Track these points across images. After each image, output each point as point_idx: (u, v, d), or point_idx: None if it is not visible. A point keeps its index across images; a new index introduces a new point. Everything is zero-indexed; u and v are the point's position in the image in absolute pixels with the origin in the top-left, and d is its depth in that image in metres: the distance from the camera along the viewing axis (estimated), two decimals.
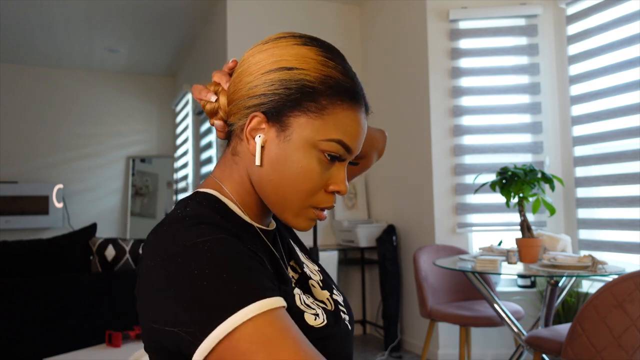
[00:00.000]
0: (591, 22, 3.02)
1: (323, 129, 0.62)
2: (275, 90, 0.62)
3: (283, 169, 0.62)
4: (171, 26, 4.63)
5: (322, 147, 0.62)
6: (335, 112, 0.62)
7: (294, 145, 0.62)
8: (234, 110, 0.66)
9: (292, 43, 0.64)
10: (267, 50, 0.64)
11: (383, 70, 3.92)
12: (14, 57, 5.35)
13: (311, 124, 0.62)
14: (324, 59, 0.64)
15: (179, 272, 0.52)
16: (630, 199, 2.72)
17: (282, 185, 0.63)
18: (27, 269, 2.54)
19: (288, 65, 0.62)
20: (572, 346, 1.81)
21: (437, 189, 3.31)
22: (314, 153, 0.62)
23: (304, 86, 0.61)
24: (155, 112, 6.19)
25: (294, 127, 0.62)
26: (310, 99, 0.61)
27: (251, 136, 0.63)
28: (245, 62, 0.66)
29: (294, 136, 0.62)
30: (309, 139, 0.62)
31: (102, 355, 1.91)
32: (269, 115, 0.62)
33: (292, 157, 0.62)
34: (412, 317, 3.50)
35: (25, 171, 5.52)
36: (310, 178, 0.62)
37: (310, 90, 0.61)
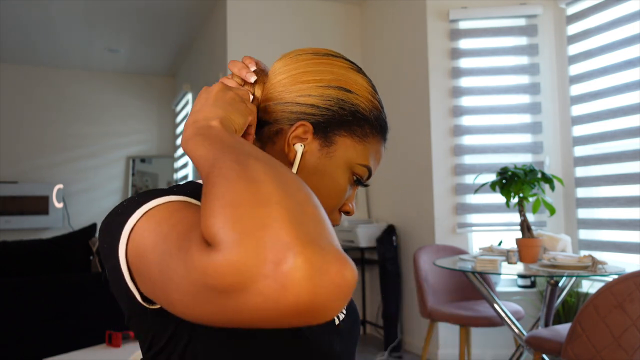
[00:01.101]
0: (591, 22, 3.02)
1: (362, 154, 0.65)
2: (330, 107, 0.64)
3: (318, 182, 0.64)
4: (171, 26, 4.63)
5: (356, 170, 0.65)
6: (373, 141, 0.67)
7: (335, 163, 0.64)
8: (272, 108, 0.65)
9: (348, 67, 0.67)
10: (324, 65, 0.66)
11: (383, 70, 3.92)
12: (14, 57, 5.35)
13: (354, 147, 0.65)
14: (373, 92, 0.68)
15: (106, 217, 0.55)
16: (630, 199, 2.72)
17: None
18: (27, 269, 2.54)
19: (347, 87, 0.65)
20: (572, 346, 1.81)
21: (437, 189, 3.31)
22: (348, 174, 0.65)
23: (358, 111, 0.65)
24: (155, 112, 6.19)
25: (338, 145, 0.64)
26: (358, 124, 0.65)
27: (292, 142, 0.64)
28: (295, 66, 0.66)
29: (337, 154, 0.64)
30: (350, 160, 0.65)
31: (102, 355, 1.91)
32: (317, 127, 0.64)
33: (331, 173, 0.64)
34: (412, 317, 3.50)
35: (25, 171, 5.52)
36: (339, 196, 0.65)
37: (361, 117, 0.65)
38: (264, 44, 3.80)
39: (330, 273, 0.36)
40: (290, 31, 3.95)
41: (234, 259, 0.36)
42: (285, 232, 0.36)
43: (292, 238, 0.36)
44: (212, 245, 0.38)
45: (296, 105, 0.64)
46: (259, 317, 0.37)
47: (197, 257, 0.38)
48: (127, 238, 0.49)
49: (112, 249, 0.51)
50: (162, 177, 6.09)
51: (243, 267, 0.35)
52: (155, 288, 0.46)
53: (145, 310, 0.53)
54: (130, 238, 0.49)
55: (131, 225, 0.49)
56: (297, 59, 0.67)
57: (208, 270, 0.37)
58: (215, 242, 0.37)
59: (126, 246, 0.49)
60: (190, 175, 5.05)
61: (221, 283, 0.36)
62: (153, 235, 0.46)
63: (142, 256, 0.47)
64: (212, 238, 0.38)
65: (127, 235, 0.49)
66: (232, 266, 0.36)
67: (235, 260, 0.35)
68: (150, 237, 0.47)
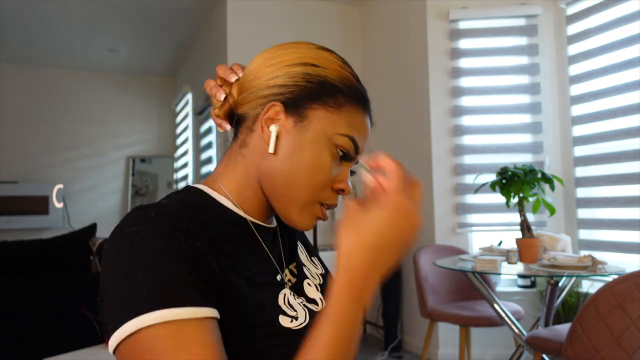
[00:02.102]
0: (591, 22, 3.02)
1: (339, 124, 0.63)
2: (297, 83, 0.64)
3: (297, 159, 0.63)
4: (171, 26, 4.63)
5: (337, 140, 0.63)
6: (350, 111, 0.64)
7: (310, 137, 0.63)
8: (247, 99, 0.66)
9: (315, 47, 0.67)
10: (289, 48, 0.67)
11: (383, 70, 3.92)
12: (14, 57, 5.35)
13: (328, 117, 0.63)
14: (343, 64, 0.67)
15: (108, 262, 0.53)
16: (630, 199, 2.72)
17: (293, 176, 0.63)
18: (27, 269, 2.54)
19: (312, 62, 0.64)
20: (572, 346, 1.81)
21: (437, 189, 3.31)
22: (328, 146, 0.63)
23: (326, 82, 0.64)
24: (155, 112, 6.19)
25: (311, 119, 0.63)
26: (329, 94, 0.63)
27: (266, 125, 0.64)
28: (265, 55, 0.67)
29: (311, 127, 0.63)
30: (326, 131, 0.63)
31: (102, 355, 1.91)
32: (288, 105, 0.63)
33: (308, 148, 0.63)
34: (412, 317, 3.50)
35: (25, 171, 5.51)
36: (322, 170, 0.63)
37: (330, 87, 0.64)
38: (264, 44, 3.75)
39: None
40: (290, 31, 3.95)
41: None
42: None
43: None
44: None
45: (266, 89, 0.64)
46: None
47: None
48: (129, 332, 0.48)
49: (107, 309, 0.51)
50: (162, 177, 6.10)
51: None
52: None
53: None
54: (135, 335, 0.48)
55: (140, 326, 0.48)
56: (268, 51, 0.68)
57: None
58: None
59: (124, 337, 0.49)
60: (190, 175, 5.05)
61: None
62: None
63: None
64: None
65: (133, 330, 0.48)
66: None
67: None
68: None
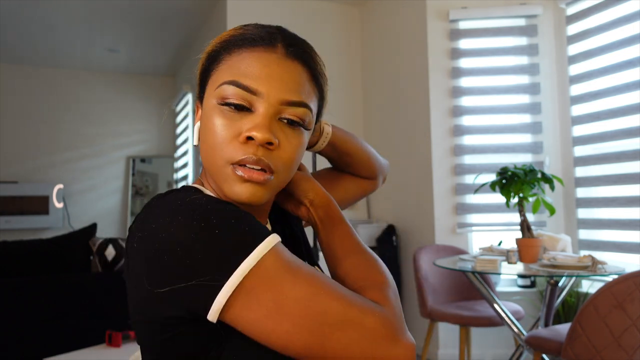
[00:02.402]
0: (591, 22, 3.02)
1: (216, 80, 0.62)
2: (197, 72, 0.67)
3: (203, 138, 0.63)
4: (171, 26, 4.63)
5: (218, 96, 0.60)
6: (229, 61, 0.62)
7: (205, 112, 0.64)
8: None
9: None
10: None
11: (383, 70, 3.92)
12: (14, 57, 5.35)
13: (212, 87, 0.63)
14: (227, 31, 0.65)
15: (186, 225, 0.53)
16: (630, 199, 2.72)
17: (204, 153, 0.63)
18: (27, 269, 2.54)
19: (207, 47, 0.66)
20: (572, 346, 1.81)
21: (437, 189, 3.31)
22: (216, 109, 0.61)
23: (209, 55, 0.65)
24: (155, 112, 6.19)
25: (206, 97, 0.64)
26: (214, 61, 0.64)
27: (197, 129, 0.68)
28: None
29: (204, 104, 0.65)
30: (209, 97, 0.63)
31: (102, 355, 1.92)
32: (200, 98, 0.67)
33: (205, 123, 0.63)
34: (412, 317, 3.50)
35: (25, 171, 5.51)
36: (214, 132, 0.60)
37: (214, 54, 0.64)
38: None
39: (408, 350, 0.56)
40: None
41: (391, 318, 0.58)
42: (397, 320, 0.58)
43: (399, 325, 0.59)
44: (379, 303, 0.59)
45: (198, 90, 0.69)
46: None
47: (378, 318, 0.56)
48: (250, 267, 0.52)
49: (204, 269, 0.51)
50: (162, 177, 6.10)
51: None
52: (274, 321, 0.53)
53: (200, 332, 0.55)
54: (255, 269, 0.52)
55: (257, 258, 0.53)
56: None
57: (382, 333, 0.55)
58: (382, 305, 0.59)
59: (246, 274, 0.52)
60: (190, 175, 5.05)
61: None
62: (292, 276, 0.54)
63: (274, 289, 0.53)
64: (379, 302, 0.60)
65: (251, 267, 0.52)
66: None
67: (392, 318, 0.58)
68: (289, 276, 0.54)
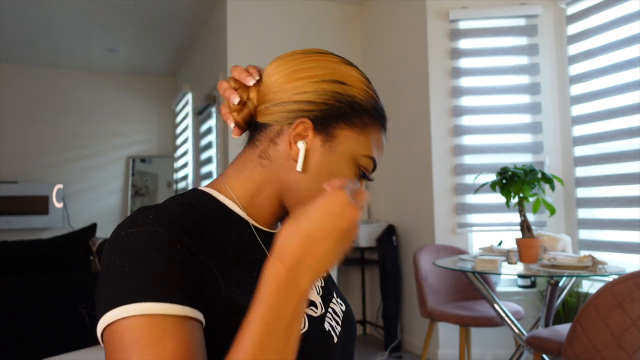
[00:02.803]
0: (591, 22, 3.02)
1: (365, 145, 0.65)
2: (327, 101, 0.63)
3: (326, 177, 0.63)
4: (171, 26, 4.63)
5: (361, 162, 0.65)
6: (373, 131, 0.66)
7: (339, 156, 0.64)
8: (271, 110, 0.65)
9: (339, 61, 0.67)
10: (315, 61, 0.66)
11: (383, 70, 3.92)
12: (14, 57, 5.35)
13: (355, 138, 0.64)
14: (367, 82, 0.68)
15: (104, 259, 0.55)
16: (630, 199, 2.72)
17: (308, 183, 0.64)
18: (27, 269, 2.54)
19: (341, 80, 0.64)
20: (572, 346, 1.81)
21: (437, 189, 3.31)
22: (352, 167, 0.65)
23: (354, 102, 0.64)
24: (155, 112, 6.19)
25: (339, 139, 0.64)
26: (357, 115, 0.64)
27: (294, 141, 0.63)
28: (289, 66, 0.65)
29: (340, 148, 0.64)
30: (354, 152, 0.64)
31: (102, 355, 1.91)
32: (316, 123, 0.63)
33: (335, 168, 0.64)
34: (412, 317, 3.50)
35: (25, 171, 5.51)
36: None
37: (358, 107, 0.65)
38: (263, 44, 3.79)
39: None
40: (290, 31, 3.95)
41: None
42: None
43: None
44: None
45: (293, 103, 0.63)
46: None
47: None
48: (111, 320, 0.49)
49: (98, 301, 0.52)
50: (162, 177, 6.10)
51: None
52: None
53: None
54: (113, 326, 0.49)
55: (116, 317, 0.49)
56: (288, 59, 0.67)
57: None
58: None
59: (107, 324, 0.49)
60: (190, 175, 5.05)
61: None
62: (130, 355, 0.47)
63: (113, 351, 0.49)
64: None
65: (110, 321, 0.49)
66: None
67: None
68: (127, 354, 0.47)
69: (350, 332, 0.72)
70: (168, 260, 0.52)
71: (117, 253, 0.53)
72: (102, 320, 0.50)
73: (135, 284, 0.50)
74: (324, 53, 0.68)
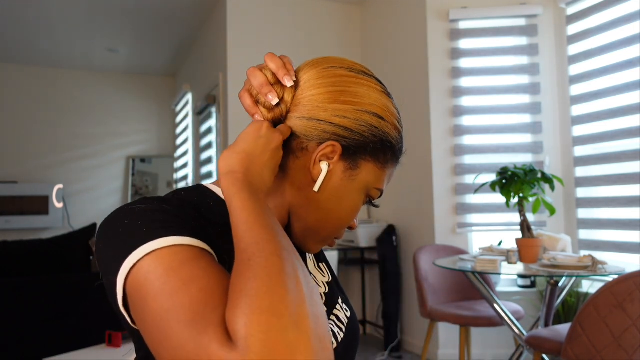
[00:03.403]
0: (591, 22, 3.02)
1: (380, 179, 0.67)
2: (363, 132, 0.63)
3: (337, 203, 0.65)
4: (171, 26, 4.63)
5: (372, 193, 0.67)
6: (391, 166, 0.69)
7: (356, 185, 0.65)
8: (305, 124, 0.63)
9: (381, 90, 0.67)
10: (362, 86, 0.65)
11: (383, 70, 3.92)
12: (14, 57, 5.35)
13: (375, 172, 0.66)
14: (399, 117, 0.69)
15: (107, 227, 0.53)
16: (630, 199, 2.72)
17: (330, 216, 0.65)
18: (27, 269, 2.54)
19: (381, 115, 0.65)
20: (572, 346, 1.81)
21: (437, 189, 3.31)
22: (364, 196, 0.67)
23: (387, 140, 0.66)
24: (155, 112, 6.19)
25: (361, 170, 0.65)
26: (384, 151, 0.66)
27: (318, 160, 0.63)
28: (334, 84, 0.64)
29: (359, 178, 0.65)
30: (369, 184, 0.66)
31: (102, 355, 1.91)
32: (346, 150, 0.63)
33: (350, 195, 0.65)
34: (412, 317, 3.50)
35: (25, 171, 5.51)
36: (353, 215, 0.68)
37: (388, 145, 0.66)
38: (263, 44, 3.80)
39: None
40: (290, 31, 3.95)
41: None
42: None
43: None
44: (234, 341, 0.40)
45: (330, 125, 0.62)
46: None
47: (216, 349, 0.40)
48: (129, 269, 0.48)
49: (110, 268, 0.50)
50: (162, 177, 6.10)
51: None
52: (145, 331, 0.46)
53: (134, 329, 0.53)
54: (133, 271, 0.48)
55: (136, 259, 0.48)
56: (332, 73, 0.64)
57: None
58: (239, 344, 0.39)
59: (126, 276, 0.48)
60: (190, 175, 5.05)
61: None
62: (158, 284, 0.46)
63: (142, 298, 0.46)
64: (237, 337, 0.40)
65: (129, 268, 0.48)
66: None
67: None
68: (155, 284, 0.46)
69: (354, 340, 0.71)
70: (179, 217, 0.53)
71: (123, 216, 0.53)
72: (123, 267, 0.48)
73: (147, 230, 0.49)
74: (367, 75, 0.67)
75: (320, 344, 0.42)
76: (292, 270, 0.45)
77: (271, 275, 0.43)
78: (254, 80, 0.64)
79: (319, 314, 0.45)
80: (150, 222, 0.51)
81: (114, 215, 0.54)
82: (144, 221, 0.51)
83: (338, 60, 0.67)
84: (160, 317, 0.44)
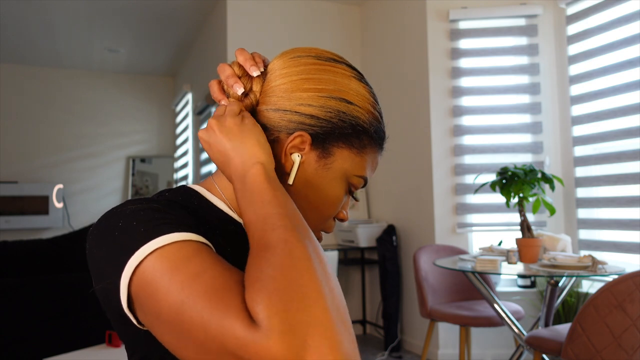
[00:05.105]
0: (591, 22, 3.02)
1: (359, 166, 0.65)
2: (331, 118, 0.62)
3: (314, 193, 0.64)
4: (171, 26, 4.63)
5: (352, 180, 0.66)
6: (370, 152, 0.66)
7: (332, 174, 0.64)
8: (272, 115, 0.63)
9: (350, 75, 0.65)
10: (326, 73, 0.64)
11: (383, 70, 3.92)
12: (14, 57, 5.35)
13: (352, 158, 0.64)
14: (374, 102, 0.67)
15: (100, 233, 0.53)
16: (630, 199, 2.72)
17: (308, 207, 0.64)
18: (27, 269, 2.54)
19: (348, 99, 0.63)
20: (572, 346, 1.81)
21: (437, 189, 3.31)
22: (344, 185, 0.65)
23: (357, 124, 0.64)
24: (155, 112, 6.19)
25: (335, 157, 0.63)
26: (357, 136, 0.64)
27: (289, 152, 0.62)
28: (298, 72, 0.63)
29: (334, 165, 0.63)
30: (347, 171, 0.65)
31: (102, 355, 1.91)
32: (315, 138, 0.62)
33: (328, 184, 0.64)
34: (412, 317, 3.50)
35: (25, 171, 5.52)
36: (335, 206, 0.66)
37: (361, 129, 0.64)
38: (263, 44, 3.80)
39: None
40: (290, 31, 3.95)
41: (277, 349, 0.39)
42: (328, 344, 0.41)
43: (333, 352, 0.41)
44: (256, 321, 0.41)
45: (295, 114, 0.62)
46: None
47: (240, 329, 0.41)
48: (133, 270, 0.48)
49: (109, 272, 0.50)
50: (162, 177, 6.10)
51: (282, 359, 0.39)
52: (161, 330, 0.47)
53: (138, 331, 0.53)
54: (137, 272, 0.48)
55: (139, 259, 0.48)
56: (298, 62, 0.64)
57: (248, 347, 0.40)
58: (262, 325, 0.41)
59: (130, 277, 0.48)
60: (190, 175, 5.05)
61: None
62: (167, 280, 0.46)
63: (152, 297, 0.47)
64: (259, 318, 0.41)
65: (133, 269, 0.48)
66: (273, 355, 0.39)
67: (278, 352, 0.39)
68: (164, 281, 0.46)
69: None
70: (173, 214, 0.53)
71: (115, 219, 0.52)
72: (126, 269, 0.48)
73: (149, 226, 0.50)
74: (337, 62, 0.66)
75: (339, 317, 0.43)
76: (313, 250, 0.47)
77: (292, 256, 0.45)
78: (221, 74, 0.65)
79: (334, 287, 0.46)
80: (146, 221, 0.51)
81: (104, 220, 0.54)
82: (140, 221, 0.51)
83: (306, 49, 0.67)
84: (177, 311, 0.45)
